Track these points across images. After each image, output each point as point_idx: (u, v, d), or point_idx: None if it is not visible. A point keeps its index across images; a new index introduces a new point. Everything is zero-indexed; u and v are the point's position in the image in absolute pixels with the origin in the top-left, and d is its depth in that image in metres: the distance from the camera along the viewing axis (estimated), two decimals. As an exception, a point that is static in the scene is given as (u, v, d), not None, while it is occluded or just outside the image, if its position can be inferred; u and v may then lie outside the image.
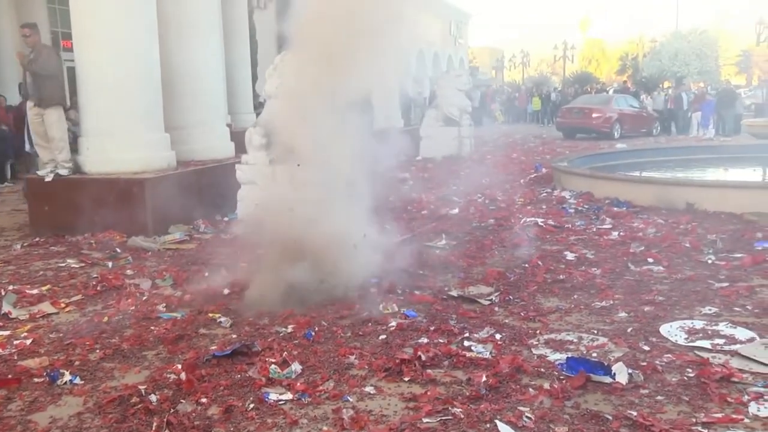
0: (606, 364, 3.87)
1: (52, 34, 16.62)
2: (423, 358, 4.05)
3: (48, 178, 8.41)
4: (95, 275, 6.37)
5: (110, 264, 6.85)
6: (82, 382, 3.95)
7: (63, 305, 5.48)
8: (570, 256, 6.68)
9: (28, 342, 4.63)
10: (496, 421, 3.32)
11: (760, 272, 5.95)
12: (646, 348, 4.25)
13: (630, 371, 3.79)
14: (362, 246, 5.62)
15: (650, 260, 6.40)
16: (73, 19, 8.46)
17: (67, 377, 3.96)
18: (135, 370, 4.11)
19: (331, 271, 5.38)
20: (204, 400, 3.64)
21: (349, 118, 5.62)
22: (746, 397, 3.53)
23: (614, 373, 3.75)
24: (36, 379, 3.99)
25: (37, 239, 7.93)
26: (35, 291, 5.89)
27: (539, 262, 6.36)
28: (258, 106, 14.65)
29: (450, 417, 3.39)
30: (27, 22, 9.18)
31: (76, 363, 4.21)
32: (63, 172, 8.49)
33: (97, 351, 4.41)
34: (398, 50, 5.86)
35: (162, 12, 9.06)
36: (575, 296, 5.40)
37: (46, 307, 5.43)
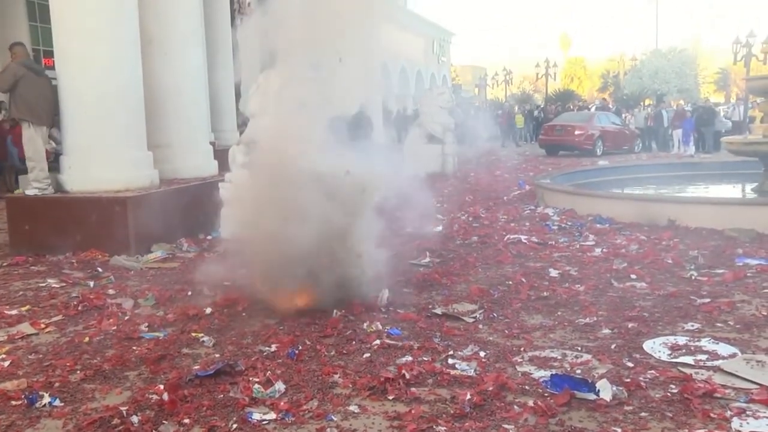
0: (590, 380, 3.88)
1: (33, 52, 16.57)
2: (407, 376, 4.04)
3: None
4: (76, 295, 6.31)
5: (92, 283, 6.78)
6: (62, 404, 3.89)
7: (43, 326, 5.40)
8: (553, 272, 6.71)
9: (6, 364, 4.55)
10: (481, 440, 3.32)
11: (741, 288, 6.00)
12: (630, 364, 4.26)
13: (614, 388, 3.80)
14: (348, 263, 5.63)
15: (633, 276, 6.44)
16: (54, 36, 8.43)
17: (47, 399, 3.89)
18: (116, 391, 4.05)
19: (321, 286, 5.41)
20: (187, 420, 3.60)
21: (337, 135, 5.63)
22: (729, 412, 3.55)
23: (598, 390, 3.75)
24: (13, 402, 3.91)
25: (17, 259, 7.84)
26: (14, 311, 5.81)
27: (523, 279, 6.38)
28: (241, 124, 14.64)
29: (435, 436, 3.37)
30: (13, 42, 9.18)
31: (56, 384, 4.15)
32: (29, 192, 8.43)
33: (78, 372, 4.35)
34: (378, 68, 5.90)
35: (145, 29, 9.06)
36: (559, 313, 5.42)
37: (25, 327, 5.35)
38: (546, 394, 3.81)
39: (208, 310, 5.59)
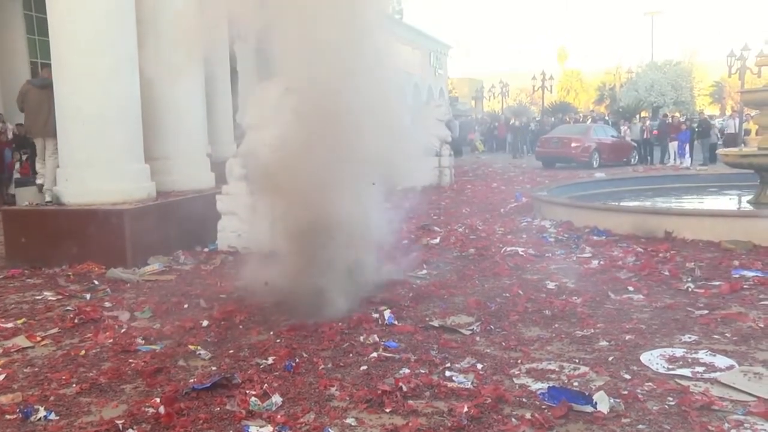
0: (587, 393, 3.88)
1: (31, 65, 16.61)
2: (404, 388, 4.03)
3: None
4: (72, 308, 6.28)
5: (88, 296, 6.76)
6: (57, 417, 3.87)
7: (39, 339, 5.39)
8: (551, 285, 6.71)
9: (1, 377, 4.53)
10: (479, 453, 3.30)
11: (738, 300, 6.01)
12: (627, 377, 4.26)
13: (611, 400, 3.80)
14: (344, 275, 5.66)
15: (630, 289, 6.44)
16: (52, 49, 8.45)
17: (42, 413, 3.88)
18: (112, 405, 4.04)
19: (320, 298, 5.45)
20: (182, 434, 3.58)
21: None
22: (727, 425, 3.54)
23: (596, 402, 3.75)
24: (8, 416, 3.89)
25: (12, 272, 7.82)
26: (10, 324, 5.80)
27: (520, 292, 6.38)
28: (239, 137, 14.63)
29: (432, 449, 3.36)
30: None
31: (51, 398, 4.14)
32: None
33: (74, 385, 4.34)
34: (385, 81, 5.94)
35: (142, 41, 9.07)
36: (556, 325, 5.41)
37: (20, 340, 5.34)
38: (543, 407, 3.81)
39: (205, 323, 5.58)
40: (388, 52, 5.96)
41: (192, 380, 4.35)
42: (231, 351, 4.92)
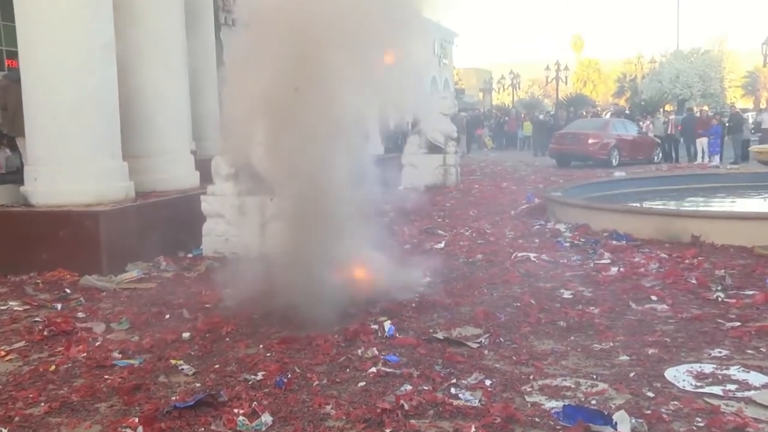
0: (606, 412, 3.87)
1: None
2: (406, 407, 4.02)
3: None
4: (41, 319, 6.28)
5: (59, 306, 6.76)
6: (24, 439, 3.87)
7: (3, 353, 5.38)
8: (566, 294, 6.71)
9: (-38, 395, 4.54)
10: (488, 478, 3.30)
11: (773, 310, 6.00)
12: (651, 394, 4.25)
13: (633, 420, 3.79)
14: (340, 283, 5.67)
15: (653, 298, 6.44)
16: (19, 37, 8.45)
17: (5, 435, 3.88)
18: (85, 425, 4.03)
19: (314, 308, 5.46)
20: (162, 457, 3.58)
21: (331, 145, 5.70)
22: (761, 447, 3.54)
23: (615, 423, 3.74)
24: (-32, 438, 3.90)
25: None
26: (-28, 337, 5.80)
27: (532, 301, 6.38)
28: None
29: (436, 473, 3.36)
30: None
31: (16, 419, 4.12)
32: None
33: (42, 404, 4.33)
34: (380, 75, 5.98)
35: (120, 30, 9.08)
36: (572, 338, 5.41)
37: (-17, 355, 5.34)
38: (558, 427, 3.80)
39: (188, 335, 5.57)
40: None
41: (174, 398, 4.34)
42: (217, 366, 4.92)
